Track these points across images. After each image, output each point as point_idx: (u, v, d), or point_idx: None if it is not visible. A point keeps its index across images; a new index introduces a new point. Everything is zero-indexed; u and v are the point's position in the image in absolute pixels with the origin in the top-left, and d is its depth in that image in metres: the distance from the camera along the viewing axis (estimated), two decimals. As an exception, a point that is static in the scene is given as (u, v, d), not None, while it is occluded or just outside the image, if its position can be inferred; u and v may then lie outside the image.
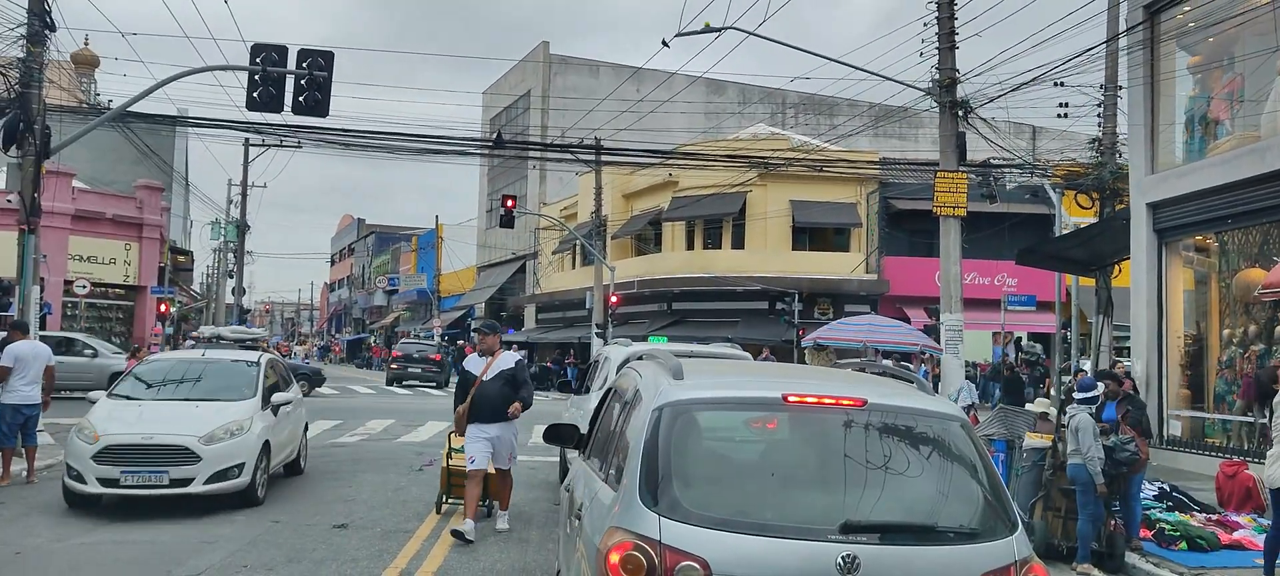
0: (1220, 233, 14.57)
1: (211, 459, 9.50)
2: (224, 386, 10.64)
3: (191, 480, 9.40)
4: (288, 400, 11.17)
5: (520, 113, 51.49)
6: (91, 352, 24.61)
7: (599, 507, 4.30)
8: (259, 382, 10.75)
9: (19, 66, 15.08)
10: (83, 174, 32.06)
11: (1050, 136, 43.15)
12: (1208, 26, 14.52)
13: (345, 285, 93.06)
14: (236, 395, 10.46)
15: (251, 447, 9.91)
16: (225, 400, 10.32)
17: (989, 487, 4.04)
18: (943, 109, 16.35)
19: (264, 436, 10.21)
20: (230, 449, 9.69)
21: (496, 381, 8.93)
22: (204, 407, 10.09)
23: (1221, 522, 9.78)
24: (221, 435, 9.70)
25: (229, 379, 10.84)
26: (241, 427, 9.93)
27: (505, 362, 9.06)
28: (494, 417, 8.89)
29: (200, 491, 9.42)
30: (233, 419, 9.96)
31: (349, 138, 23.79)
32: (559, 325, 43.34)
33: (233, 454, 9.69)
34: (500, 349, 9.20)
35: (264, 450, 10.19)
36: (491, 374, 8.97)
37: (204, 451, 9.48)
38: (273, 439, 10.52)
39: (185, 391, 10.57)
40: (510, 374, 9.02)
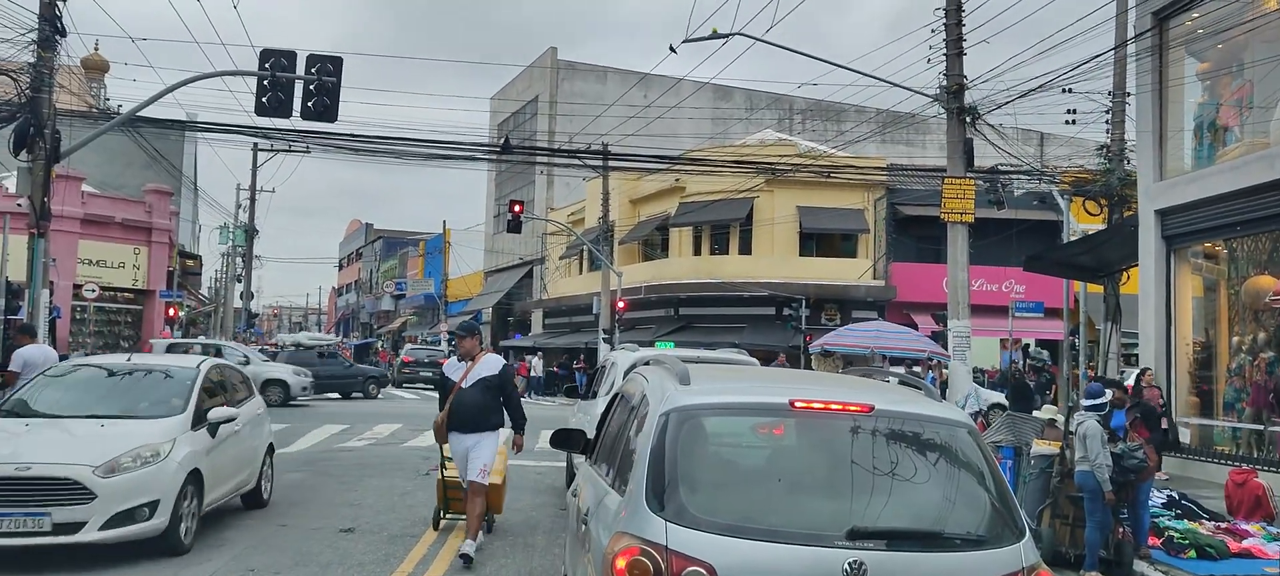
0: (1229, 239, 14.51)
1: (111, 495, 7.32)
2: (145, 400, 8.64)
3: (83, 524, 7.21)
4: (230, 416, 9.01)
5: (528, 118, 51.59)
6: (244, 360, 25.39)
7: (605, 513, 4.30)
8: (192, 395, 8.63)
9: (30, 71, 15.18)
10: (92, 178, 32.20)
11: (1058, 143, 43.03)
12: (1217, 33, 14.49)
13: (353, 289, 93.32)
14: (159, 411, 8.41)
15: (169, 479, 7.73)
16: (143, 418, 8.27)
17: (996, 494, 4.03)
18: (950, 115, 16.34)
19: (192, 464, 8.09)
20: (138, 482, 7.51)
21: (476, 388, 8.24)
22: (112, 428, 7.95)
23: (1231, 531, 9.74)
24: (128, 463, 7.54)
25: (153, 391, 8.83)
26: (156, 453, 7.75)
27: (488, 368, 8.33)
28: (472, 427, 8.22)
29: (95, 539, 7.27)
30: (145, 442, 7.79)
31: (357, 143, 23.87)
32: (566, 330, 43.38)
33: (142, 488, 7.50)
34: (482, 352, 8.49)
35: (192, 481, 8.08)
36: (471, 380, 8.28)
37: (101, 486, 7.30)
38: (208, 466, 8.42)
39: (93, 406, 8.45)
40: (493, 381, 8.29)
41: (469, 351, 8.46)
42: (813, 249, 34.85)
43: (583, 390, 14.99)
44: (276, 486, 11.08)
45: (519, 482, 12.72)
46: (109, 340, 31.78)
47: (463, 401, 8.24)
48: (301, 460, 14.60)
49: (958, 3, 16.26)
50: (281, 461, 14.33)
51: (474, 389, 8.25)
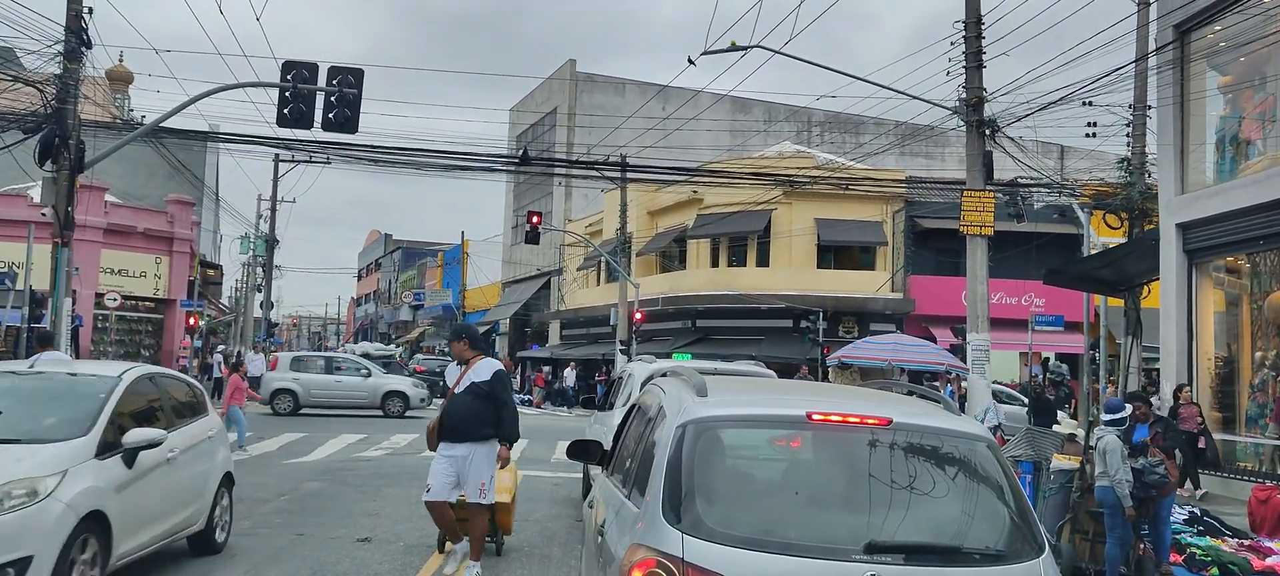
0: (1252, 254, 14.39)
1: None
2: (41, 419, 6.72)
3: None
4: (154, 441, 6.95)
5: (546, 130, 51.76)
6: (365, 372, 26.55)
7: (622, 524, 4.30)
8: (101, 415, 6.68)
9: (56, 83, 15.36)
10: (115, 188, 32.53)
11: (1079, 156, 42.83)
12: (1239, 46, 14.39)
13: (371, 300, 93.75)
14: (53, 434, 6.46)
15: (50, 527, 5.82)
16: (31, 442, 6.33)
17: (1016, 509, 4.00)
18: (970, 128, 16.29)
19: (91, 504, 6.16)
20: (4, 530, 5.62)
21: (467, 395, 7.77)
22: None
23: (1254, 548, 9.62)
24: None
25: (55, 406, 6.89)
26: (34, 492, 5.86)
27: (480, 373, 7.83)
28: (461, 437, 7.73)
29: None
30: (19, 477, 5.88)
31: (377, 154, 24.02)
32: (583, 342, 43.41)
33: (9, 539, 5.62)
34: (476, 357, 7.99)
35: (91, 528, 6.17)
36: (463, 386, 7.84)
37: None
38: (121, 506, 6.51)
39: None
40: (484, 388, 7.77)
41: (461, 355, 8.03)
42: (830, 261, 34.76)
43: (600, 401, 15.00)
44: (294, 496, 11.13)
45: (535, 493, 12.74)
46: (130, 349, 32.05)
47: (451, 408, 7.85)
48: (320, 469, 14.67)
49: (977, 15, 16.22)
50: (300, 470, 14.43)
51: (464, 395, 7.81)
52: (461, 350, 8.02)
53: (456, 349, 8.07)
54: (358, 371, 26.39)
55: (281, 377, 25.49)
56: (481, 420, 7.75)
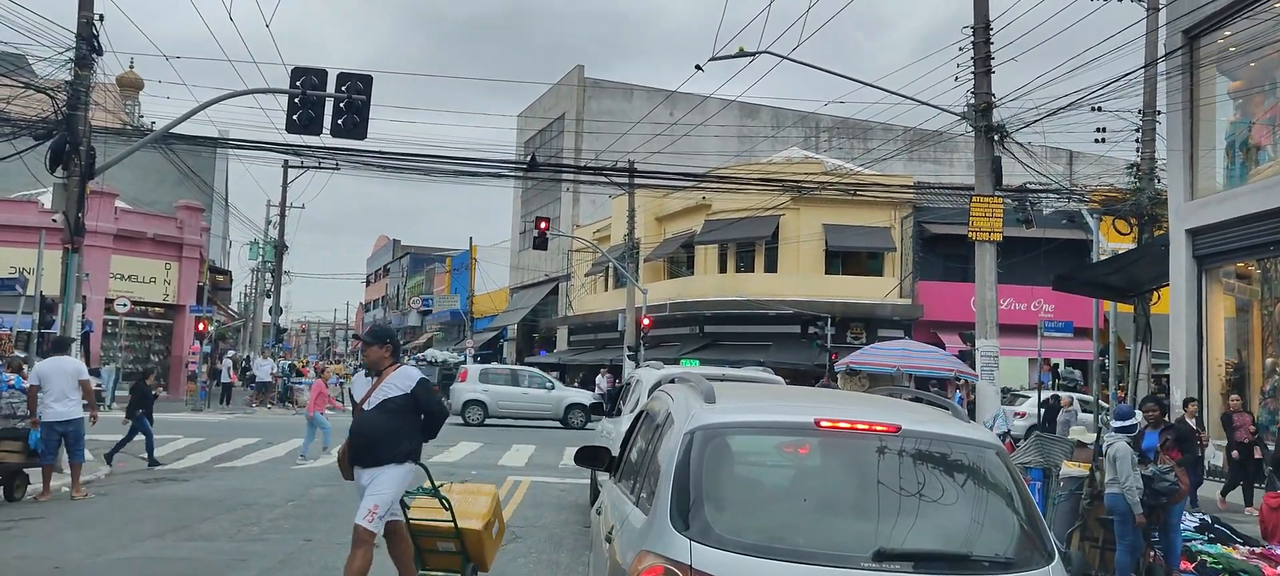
0: (1262, 260, 14.33)
1: None
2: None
3: None
4: None
5: (554, 136, 51.82)
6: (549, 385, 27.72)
7: (630, 531, 4.30)
8: None
9: (67, 89, 15.44)
10: (125, 194, 32.66)
11: (1087, 161, 42.71)
12: (1249, 51, 14.34)
13: (380, 305, 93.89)
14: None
15: None
16: None
17: (1025, 517, 3.99)
18: (978, 133, 16.26)
19: None
20: None
21: (379, 411, 6.57)
22: None
23: (1265, 556, 9.57)
24: None
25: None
26: None
27: (397, 385, 6.61)
28: (371, 459, 6.54)
29: None
30: None
31: (386, 160, 24.07)
32: (591, 347, 43.41)
33: None
34: (393, 365, 6.77)
35: None
36: (375, 400, 6.62)
37: None
38: None
39: None
40: (397, 403, 6.56)
41: (375, 363, 6.77)
42: (839, 267, 34.71)
43: (607, 406, 15.00)
44: (303, 501, 11.13)
45: (543, 499, 12.74)
46: (140, 354, 32.18)
47: (359, 427, 6.65)
48: (328, 475, 14.68)
49: (986, 21, 16.21)
50: (308, 476, 14.45)
51: (374, 413, 6.59)
52: (380, 357, 6.74)
53: (373, 355, 6.77)
54: (542, 384, 27.81)
55: (472, 389, 27.03)
56: (395, 440, 6.55)
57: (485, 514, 7.15)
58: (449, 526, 6.76)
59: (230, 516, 10.63)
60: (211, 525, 10.10)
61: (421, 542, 6.98)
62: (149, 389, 15.86)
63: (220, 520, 10.40)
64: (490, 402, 26.84)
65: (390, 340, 6.89)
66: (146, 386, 15.85)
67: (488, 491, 7.44)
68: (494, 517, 7.25)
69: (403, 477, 6.64)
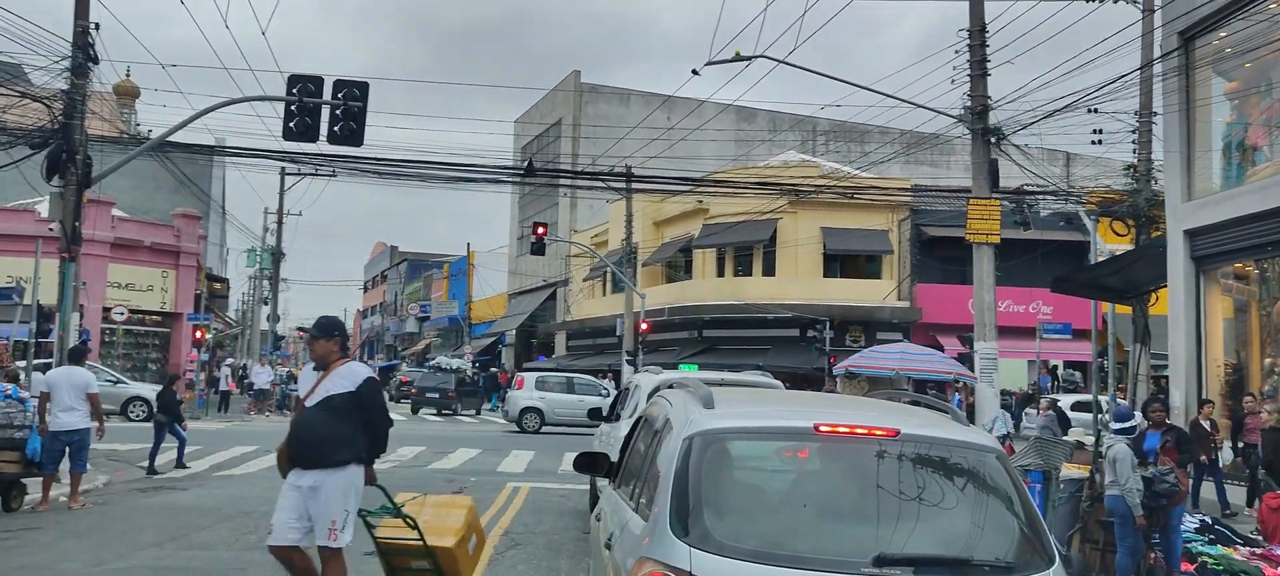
0: (1260, 260, 14.32)
1: None
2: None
3: None
4: None
5: (551, 141, 51.86)
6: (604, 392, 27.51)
7: (629, 537, 4.28)
8: None
9: (63, 98, 15.42)
10: (122, 203, 32.64)
11: (1084, 163, 42.79)
12: (1244, 52, 14.35)
13: (378, 312, 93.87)
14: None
15: None
16: None
17: (1025, 520, 3.97)
18: (975, 136, 16.28)
19: None
20: None
21: (322, 409, 6.19)
22: None
23: (1266, 557, 9.56)
24: None
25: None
26: None
27: (343, 381, 6.24)
28: (311, 460, 6.14)
29: None
30: None
31: (383, 166, 24.06)
32: (589, 352, 43.40)
33: None
34: (341, 360, 6.36)
35: None
36: (318, 397, 6.23)
37: None
38: None
39: None
40: (341, 401, 6.19)
41: (322, 357, 6.34)
42: (837, 270, 34.72)
43: (605, 410, 14.98)
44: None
45: (542, 505, 12.71)
46: (137, 362, 32.13)
47: (299, 425, 6.29)
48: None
49: (982, 24, 16.23)
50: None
51: (316, 409, 6.22)
52: (327, 351, 6.33)
53: (320, 349, 6.33)
54: (597, 392, 28.14)
55: (528, 397, 27.51)
56: (338, 441, 6.15)
57: (459, 530, 6.70)
58: (417, 544, 6.34)
59: (228, 525, 10.60)
60: (209, 534, 10.07)
61: (393, 562, 6.58)
62: (175, 394, 15.93)
63: (218, 529, 10.37)
64: (547, 409, 27.31)
65: (338, 333, 6.44)
66: (173, 392, 15.93)
67: (463, 504, 7.03)
68: (469, 532, 6.81)
69: (349, 483, 6.20)
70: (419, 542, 6.33)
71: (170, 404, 15.61)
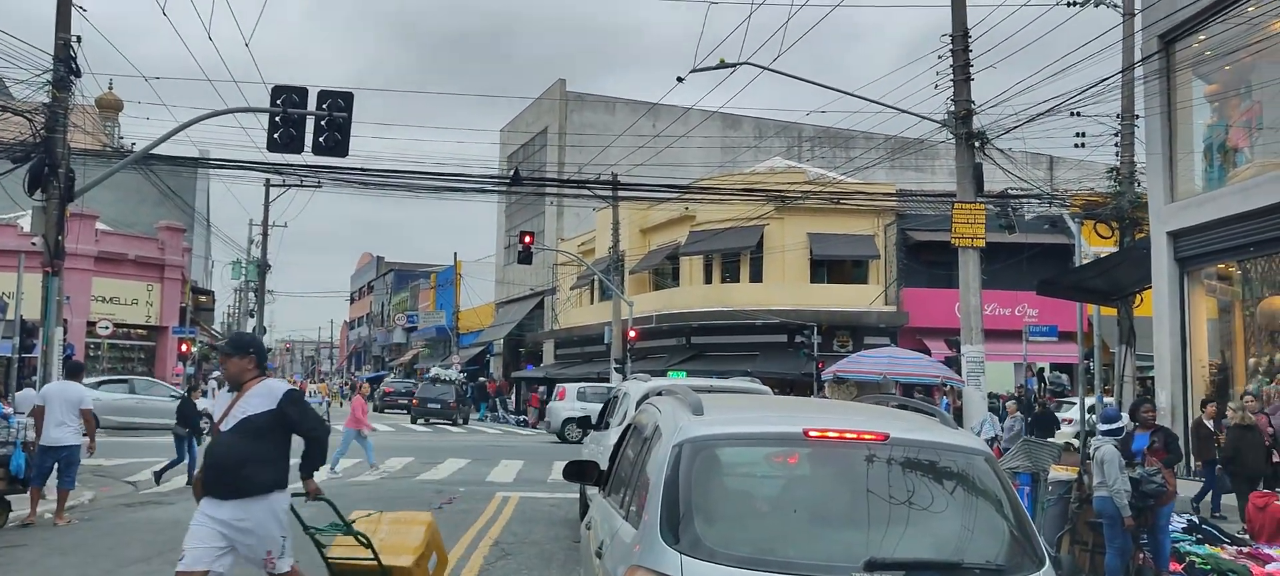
0: (1242, 260, 14.44)
1: None
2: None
3: None
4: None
5: (537, 149, 51.82)
6: None
7: (620, 545, 4.27)
8: None
9: (45, 112, 15.34)
10: (106, 216, 32.47)
11: (1068, 166, 43.02)
12: (1223, 55, 14.47)
13: (365, 323, 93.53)
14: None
15: None
16: None
17: (1015, 522, 3.99)
18: (959, 140, 16.35)
19: None
20: None
21: (239, 431, 5.65)
22: None
23: (1253, 555, 9.61)
24: None
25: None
26: None
27: (261, 400, 5.72)
28: (230, 490, 5.59)
29: None
30: None
31: (368, 176, 24.01)
32: (578, 360, 43.33)
33: None
34: (257, 377, 5.84)
35: None
36: (234, 419, 5.68)
37: None
38: None
39: None
40: (262, 421, 5.67)
41: (235, 376, 5.84)
42: (824, 275, 34.80)
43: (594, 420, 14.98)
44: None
45: (532, 515, 12.68)
46: (123, 377, 31.91)
47: (215, 451, 5.74)
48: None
49: (964, 29, 16.32)
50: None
51: (232, 433, 5.66)
52: (241, 369, 5.82)
53: (234, 367, 5.84)
54: None
55: (570, 408, 28.04)
56: (260, 464, 5.64)
57: (417, 548, 6.34)
58: (372, 565, 6.02)
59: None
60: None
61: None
62: (195, 407, 15.77)
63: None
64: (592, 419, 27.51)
65: (253, 349, 5.96)
66: (192, 404, 15.76)
67: (422, 520, 6.70)
68: (429, 550, 6.45)
69: (277, 510, 5.73)
70: (374, 563, 6.02)
71: (190, 417, 15.46)
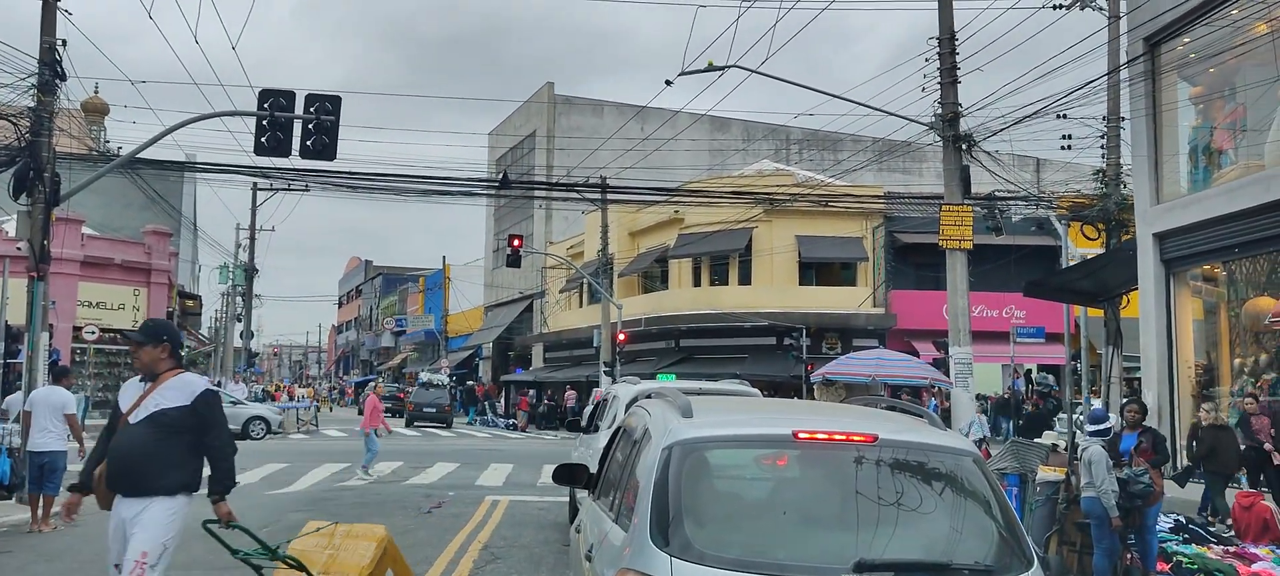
0: (1228, 261, 14.52)
1: None
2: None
3: None
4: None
5: (526, 153, 51.78)
6: None
7: (609, 549, 4.27)
8: None
9: (30, 115, 15.24)
10: (92, 220, 32.26)
11: (1054, 168, 43.22)
12: (1208, 57, 14.57)
13: (353, 327, 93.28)
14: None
15: None
16: None
17: (1003, 523, 4.00)
18: (946, 143, 16.41)
19: None
20: None
21: (148, 425, 5.28)
22: None
23: (1239, 554, 9.66)
24: None
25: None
26: None
27: (175, 394, 5.35)
28: (132, 487, 5.28)
29: None
30: None
31: (356, 180, 23.94)
32: (567, 364, 43.30)
33: None
34: (173, 370, 5.46)
35: None
36: (143, 412, 5.32)
37: None
38: None
39: None
40: (173, 418, 5.31)
41: (148, 366, 5.44)
42: (812, 278, 34.87)
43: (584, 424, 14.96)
44: (278, 527, 10.99)
45: (522, 518, 12.66)
46: (109, 382, 31.72)
47: (118, 445, 5.35)
48: (304, 500, 14.52)
49: (951, 32, 16.38)
50: (282, 501, 14.27)
51: (141, 426, 5.29)
52: (154, 359, 5.43)
53: (147, 356, 5.44)
54: None
55: None
56: (167, 462, 5.26)
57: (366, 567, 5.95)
58: None
59: (203, 543, 10.42)
60: (183, 553, 9.87)
61: None
62: None
63: (192, 547, 10.19)
64: None
65: (168, 338, 5.52)
66: None
67: (375, 536, 6.25)
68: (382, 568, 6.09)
69: (177, 513, 5.35)
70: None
71: None
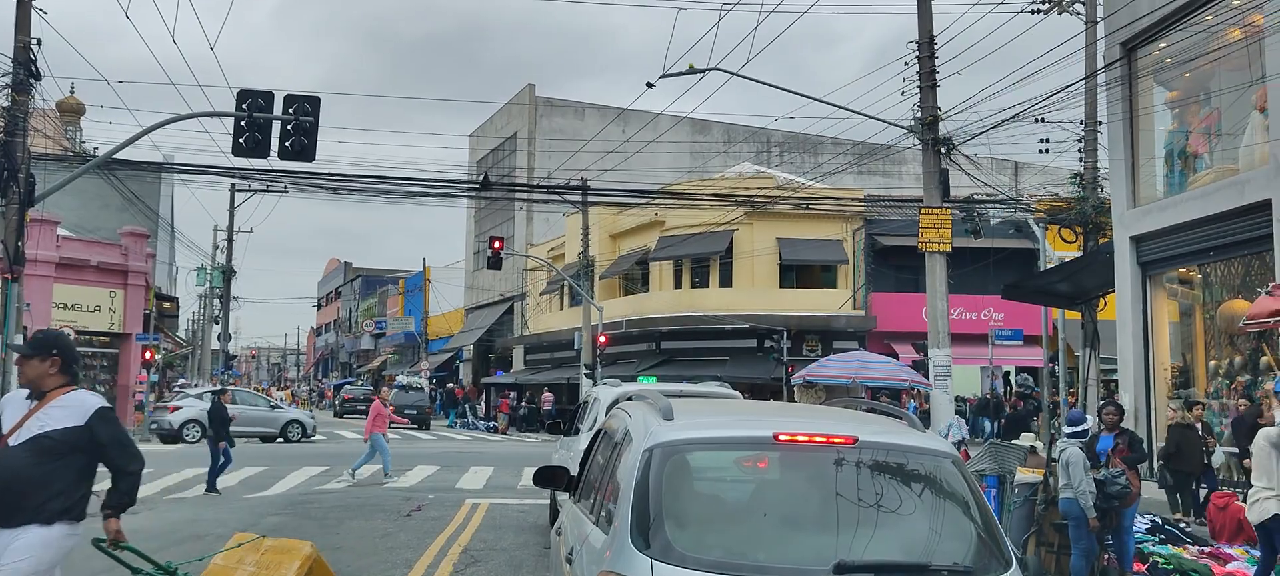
0: (1203, 265, 14.67)
1: None
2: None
3: None
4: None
5: (507, 155, 51.68)
6: None
7: (590, 551, 4.26)
8: None
9: (4, 115, 15.09)
10: (68, 221, 31.92)
11: (1032, 172, 43.55)
12: (1184, 62, 14.72)
13: (332, 329, 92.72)
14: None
15: None
16: None
17: (982, 524, 4.02)
18: (925, 146, 16.50)
19: None
20: None
21: (29, 449, 4.66)
22: None
23: (1215, 555, 9.76)
24: None
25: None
26: None
27: (64, 414, 4.76)
28: (7, 517, 4.58)
29: None
30: None
31: (335, 182, 23.80)
32: (548, 366, 43.24)
33: None
34: (63, 387, 4.85)
35: None
36: (25, 434, 4.70)
37: None
38: None
39: None
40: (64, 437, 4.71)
41: (34, 382, 4.84)
42: (793, 280, 34.97)
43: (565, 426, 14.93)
44: (256, 531, 10.91)
45: (502, 521, 12.62)
46: (85, 385, 31.41)
47: None
48: (282, 503, 14.43)
49: (930, 36, 16.47)
50: (261, 504, 14.18)
51: (22, 448, 4.67)
52: (40, 374, 4.82)
53: (33, 371, 4.83)
54: None
55: None
56: (47, 489, 4.66)
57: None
58: None
59: (179, 549, 10.38)
60: (160, 558, 9.85)
61: None
62: (225, 411, 15.53)
63: (169, 552, 10.12)
64: None
65: (57, 351, 4.88)
66: (223, 408, 15.54)
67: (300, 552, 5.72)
68: None
69: (53, 543, 4.67)
70: None
71: (220, 421, 15.20)
